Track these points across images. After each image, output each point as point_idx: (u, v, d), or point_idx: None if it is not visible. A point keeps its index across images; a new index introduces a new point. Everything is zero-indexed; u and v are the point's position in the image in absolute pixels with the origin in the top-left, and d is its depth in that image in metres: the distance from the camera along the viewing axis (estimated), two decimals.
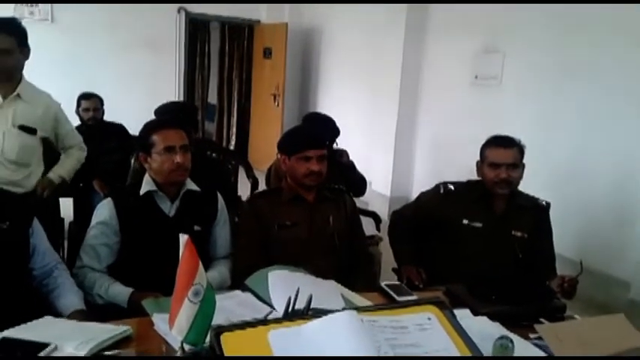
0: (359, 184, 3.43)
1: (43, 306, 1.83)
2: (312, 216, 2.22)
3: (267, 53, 7.41)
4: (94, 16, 6.45)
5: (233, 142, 8.08)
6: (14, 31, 2.50)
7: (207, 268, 2.13)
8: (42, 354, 1.28)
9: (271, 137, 7.22)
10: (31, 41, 5.38)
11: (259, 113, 7.74)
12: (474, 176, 2.41)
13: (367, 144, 5.83)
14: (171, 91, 7.02)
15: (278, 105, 7.18)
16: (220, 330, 1.14)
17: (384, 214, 3.53)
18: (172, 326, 1.28)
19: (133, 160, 3.67)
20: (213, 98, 8.24)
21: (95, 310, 1.87)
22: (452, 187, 2.39)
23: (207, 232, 2.20)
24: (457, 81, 5.11)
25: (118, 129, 4.23)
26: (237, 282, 2.05)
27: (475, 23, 4.88)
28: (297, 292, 1.41)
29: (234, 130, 8.15)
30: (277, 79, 7.16)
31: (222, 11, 7.24)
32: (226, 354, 1.10)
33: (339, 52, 6.81)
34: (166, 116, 2.87)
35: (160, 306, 1.63)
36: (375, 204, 5.13)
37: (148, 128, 2.11)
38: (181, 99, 7.14)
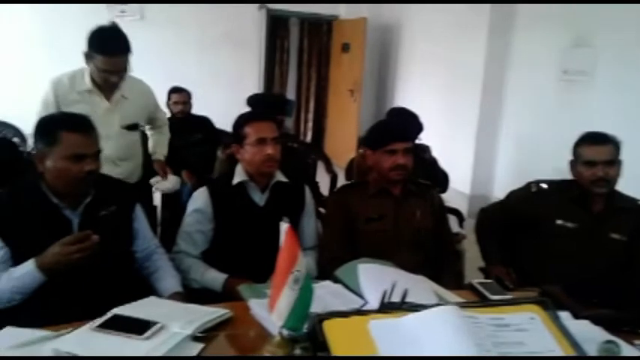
0: (441, 180, 3.38)
1: (144, 286, 1.95)
2: (398, 210, 2.22)
3: (346, 48, 7.43)
4: (180, 14, 6.70)
5: (309, 137, 8.17)
6: (128, 47, 2.63)
7: None
8: (149, 332, 1.35)
9: (347, 132, 7.25)
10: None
11: (336, 108, 7.78)
12: (561, 175, 2.32)
13: (446, 140, 5.72)
14: (252, 85, 7.18)
15: (355, 100, 7.18)
16: (322, 317, 1.16)
17: (463, 212, 3.45)
18: (272, 311, 1.32)
19: (219, 152, 3.81)
20: (291, 93, 8.36)
21: (191, 293, 1.96)
22: (545, 185, 2.31)
23: (295, 223, 2.24)
24: (544, 76, 4.91)
25: (204, 122, 4.38)
26: (322, 273, 2.08)
27: (564, 17, 4.67)
28: (394, 285, 1.41)
29: (310, 124, 8.24)
30: (355, 74, 7.17)
31: (301, 8, 7.33)
32: (328, 340, 1.12)
33: (418, 47, 6.72)
34: (258, 106, 2.95)
35: (256, 292, 1.69)
36: (454, 201, 5.01)
37: (242, 120, 2.17)
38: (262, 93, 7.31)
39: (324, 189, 3.64)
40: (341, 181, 3.83)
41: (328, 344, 1.11)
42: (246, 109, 7.20)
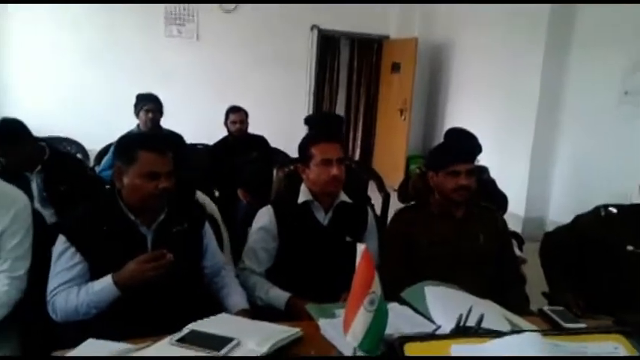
0: (500, 202, 3.34)
1: (211, 302, 1.99)
2: (461, 232, 2.20)
3: (396, 68, 7.45)
4: (234, 35, 6.89)
5: (357, 156, 8.19)
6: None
7: None
8: (226, 348, 1.38)
9: (396, 152, 7.24)
10: (180, 58, 5.86)
11: (385, 127, 7.79)
12: (623, 199, 2.25)
13: (499, 161, 5.63)
14: (302, 105, 7.30)
15: (405, 119, 7.17)
16: (403, 340, 1.17)
17: None
18: (347, 332, 1.33)
19: (275, 170, 3.87)
20: (340, 112, 8.41)
21: (255, 311, 1.98)
22: (614, 210, 2.25)
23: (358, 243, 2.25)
24: (603, 97, 4.79)
25: (260, 140, 4.46)
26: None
27: (625, 36, 4.56)
28: (470, 310, 1.40)
29: (358, 143, 8.26)
30: (405, 93, 7.17)
31: (352, 28, 7.42)
32: None
33: (471, 67, 6.67)
34: (317, 126, 2.98)
35: (324, 311, 1.70)
36: (508, 224, 4.94)
37: (308, 141, 2.21)
38: (310, 113, 7.39)
39: (377, 208, 3.64)
40: (393, 200, 3.83)
41: None
42: (296, 127, 7.31)
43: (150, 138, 1.91)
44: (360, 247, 1.34)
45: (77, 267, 1.77)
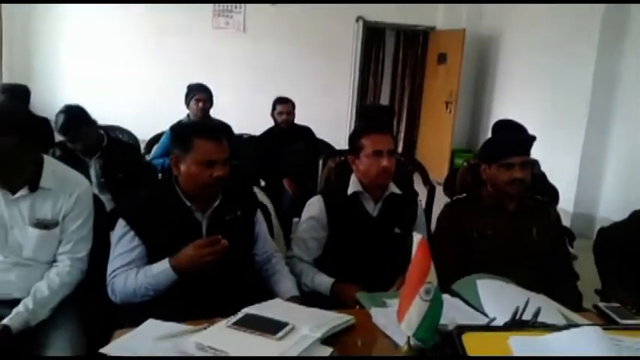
0: (551, 195, 3.27)
1: (260, 289, 2.03)
2: (513, 226, 2.17)
3: (442, 59, 7.36)
4: (280, 26, 6.94)
5: (400, 148, 8.14)
6: None
7: (405, 271, 2.19)
8: (281, 332, 1.41)
9: (441, 144, 7.17)
10: (226, 49, 5.96)
11: (429, 120, 7.71)
12: None
13: (548, 156, 5.50)
14: (346, 96, 7.30)
15: (450, 112, 7.08)
16: (462, 330, 1.17)
17: None
18: (402, 321, 1.34)
19: (321, 161, 3.90)
20: (384, 104, 8.39)
21: (304, 298, 2.01)
22: None
23: (407, 235, 2.25)
24: None
25: (306, 132, 4.48)
26: None
27: None
28: (527, 303, 1.39)
29: (401, 135, 8.20)
30: (451, 85, 7.08)
31: (398, 19, 7.36)
32: (468, 352, 1.12)
33: (519, 59, 6.53)
34: (372, 118, 2.99)
35: (375, 300, 1.71)
36: None
37: (359, 131, 2.21)
38: (354, 104, 7.38)
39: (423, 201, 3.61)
40: (439, 193, 3.79)
41: (468, 356, 1.11)
42: (340, 119, 7.30)
43: (206, 126, 1.95)
44: (417, 237, 1.35)
45: (136, 250, 1.83)
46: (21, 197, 1.83)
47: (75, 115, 2.84)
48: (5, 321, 1.70)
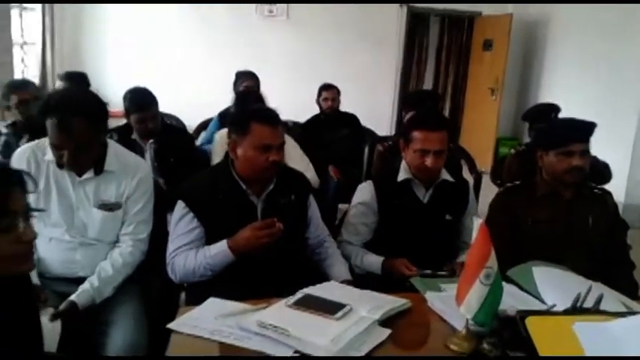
0: (601, 169, 3.19)
1: (315, 272, 2.06)
2: (569, 214, 2.13)
3: (487, 45, 7.22)
4: (323, 13, 6.91)
5: None
6: None
7: (456, 256, 2.20)
8: (340, 313, 1.44)
9: (486, 132, 7.06)
10: (270, 37, 5.95)
11: (474, 107, 7.59)
12: None
13: (597, 143, 5.36)
14: (389, 83, 7.24)
15: (495, 99, 6.96)
16: (525, 314, 1.17)
17: None
18: (461, 304, 1.35)
19: (366, 148, 3.90)
20: None
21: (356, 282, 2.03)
22: None
23: (458, 222, 2.25)
24: None
25: (351, 119, 4.49)
26: None
27: None
28: (589, 290, 1.38)
29: None
30: (496, 72, 6.94)
31: (443, 4, 7.24)
32: (532, 337, 1.13)
33: (568, 45, 6.34)
34: (416, 104, 2.99)
35: (430, 285, 1.73)
36: None
37: (412, 123, 2.20)
38: (397, 92, 7.33)
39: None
40: (484, 182, 3.75)
41: (532, 340, 1.11)
42: (384, 106, 7.25)
43: (263, 111, 1.98)
44: (477, 222, 1.35)
45: (195, 231, 1.89)
46: (87, 180, 1.90)
47: (148, 93, 2.96)
48: (72, 297, 1.79)
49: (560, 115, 3.44)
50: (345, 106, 4.64)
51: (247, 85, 4.01)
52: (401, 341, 1.43)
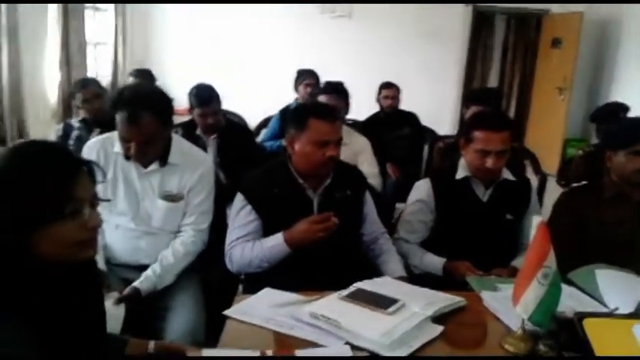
0: None
1: (369, 268, 2.06)
2: (638, 216, 2.03)
3: (556, 44, 6.96)
4: (387, 11, 6.86)
5: None
6: None
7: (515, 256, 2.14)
8: (392, 307, 1.44)
9: (553, 133, 6.81)
10: (333, 34, 5.93)
11: (540, 107, 7.33)
12: None
13: None
14: (453, 82, 7.12)
15: (564, 99, 6.70)
16: (583, 315, 1.13)
17: None
18: (517, 304, 1.32)
19: (426, 147, 3.86)
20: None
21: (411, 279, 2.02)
22: None
23: (518, 222, 2.19)
24: None
25: (411, 117, 4.45)
26: None
27: None
28: None
29: None
30: (565, 71, 6.68)
31: (509, 3, 7.04)
32: (589, 338, 1.09)
33: None
34: (478, 101, 2.94)
35: (486, 284, 1.70)
36: None
37: (475, 122, 2.15)
38: (460, 91, 7.19)
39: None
40: (550, 184, 3.63)
41: (589, 342, 1.08)
42: (446, 105, 7.12)
43: (321, 106, 2.01)
44: (537, 220, 1.31)
45: (252, 224, 1.93)
46: (152, 171, 1.99)
47: (211, 90, 3.05)
48: (135, 283, 1.87)
49: (629, 115, 3.28)
50: (406, 105, 4.60)
51: (308, 83, 4.06)
52: (453, 339, 1.41)
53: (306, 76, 4.14)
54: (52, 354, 0.99)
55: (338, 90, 3.12)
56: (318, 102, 2.21)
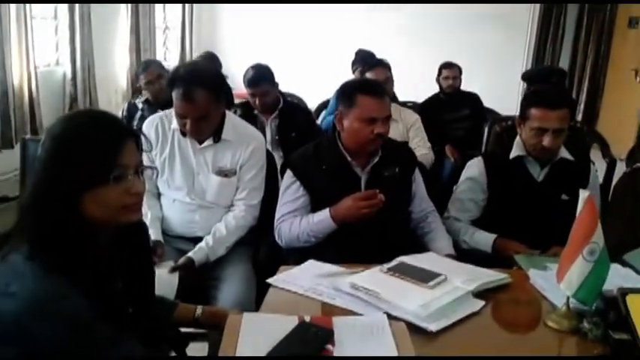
0: None
1: (417, 246, 2.05)
2: None
3: (633, 24, 6.59)
4: None
5: (579, 119, 7.47)
6: None
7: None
8: (433, 281, 1.43)
9: (627, 117, 6.45)
10: (392, 14, 5.76)
11: (615, 89, 6.96)
12: None
13: None
14: (519, 62, 6.87)
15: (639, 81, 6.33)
16: (626, 291, 1.09)
17: None
18: (561, 281, 1.29)
19: (486, 129, 3.76)
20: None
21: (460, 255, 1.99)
22: None
23: (575, 203, 2.10)
24: None
25: (472, 98, 4.35)
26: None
27: None
28: None
29: (581, 107, 7.51)
30: None
31: None
32: (632, 315, 1.05)
33: None
34: (538, 81, 2.83)
35: (533, 262, 1.66)
36: None
37: (530, 99, 2.09)
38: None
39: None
40: (619, 170, 3.45)
41: (630, 318, 1.04)
42: (511, 87, 6.89)
43: (369, 83, 2.00)
44: (584, 194, 1.27)
45: (301, 199, 1.97)
46: (206, 147, 2.06)
47: (262, 71, 3.12)
48: (190, 254, 1.96)
49: None
50: (469, 86, 4.50)
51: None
52: (495, 314, 1.40)
53: (362, 54, 4.13)
54: (102, 312, 1.06)
55: (383, 63, 3.14)
56: (367, 78, 2.21)
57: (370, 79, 2.31)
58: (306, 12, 6.87)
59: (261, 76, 3.09)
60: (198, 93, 1.90)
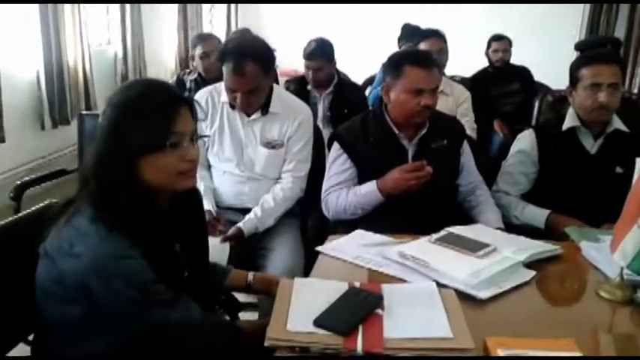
0: None
1: (464, 218, 2.04)
2: None
3: None
4: None
5: (636, 89, 7.14)
6: None
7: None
8: (482, 251, 1.43)
9: None
10: None
11: None
12: None
13: None
14: (572, 35, 6.61)
15: None
16: None
17: None
18: (614, 251, 1.27)
19: (537, 103, 3.66)
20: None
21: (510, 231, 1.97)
22: None
23: (630, 176, 2.04)
24: None
25: (523, 72, 4.23)
26: None
27: None
28: None
29: (637, 80, 7.16)
30: None
31: None
32: None
33: None
34: (592, 49, 2.73)
35: (586, 235, 1.63)
36: None
37: (579, 61, 2.04)
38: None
39: None
40: None
41: None
42: (564, 59, 6.63)
43: (417, 53, 1.98)
44: (639, 163, 1.24)
45: (347, 171, 1.99)
46: (255, 120, 2.09)
47: (319, 46, 3.15)
48: (239, 224, 2.01)
49: None
50: (519, 59, 4.37)
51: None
52: (546, 284, 1.39)
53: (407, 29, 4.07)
54: (160, 274, 1.11)
55: (438, 34, 3.10)
56: (415, 49, 2.18)
57: (419, 49, 2.27)
58: None
59: (318, 51, 3.12)
60: (249, 67, 1.93)
